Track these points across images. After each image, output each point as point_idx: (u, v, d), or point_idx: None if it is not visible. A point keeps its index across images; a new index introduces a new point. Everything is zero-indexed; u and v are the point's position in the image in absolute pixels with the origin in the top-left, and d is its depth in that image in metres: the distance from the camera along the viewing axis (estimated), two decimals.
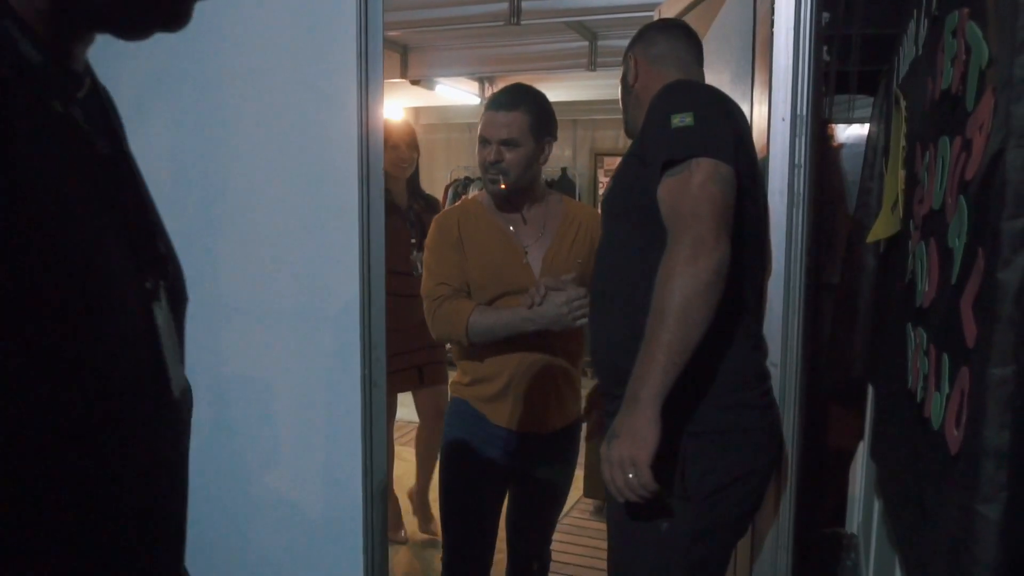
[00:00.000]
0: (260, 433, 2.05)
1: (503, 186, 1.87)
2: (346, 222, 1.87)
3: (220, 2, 1.94)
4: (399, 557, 3.14)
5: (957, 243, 0.86)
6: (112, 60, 2.22)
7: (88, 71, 0.59)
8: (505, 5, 3.51)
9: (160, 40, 2.16)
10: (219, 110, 1.99)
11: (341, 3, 1.82)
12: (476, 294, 1.92)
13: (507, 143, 1.84)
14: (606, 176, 7.16)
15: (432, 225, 2.03)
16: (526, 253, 1.93)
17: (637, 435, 1.25)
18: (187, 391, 0.65)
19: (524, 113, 1.84)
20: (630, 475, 1.25)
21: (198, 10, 0.60)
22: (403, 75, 4.75)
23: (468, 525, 2.00)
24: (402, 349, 2.72)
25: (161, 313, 0.60)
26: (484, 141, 1.88)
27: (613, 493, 1.30)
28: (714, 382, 1.40)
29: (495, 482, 2.00)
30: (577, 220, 1.96)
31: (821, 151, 2.08)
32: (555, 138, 1.94)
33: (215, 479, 2.09)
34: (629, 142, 1.62)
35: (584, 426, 2.10)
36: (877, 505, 1.64)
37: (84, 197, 0.52)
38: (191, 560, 2.13)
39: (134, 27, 0.58)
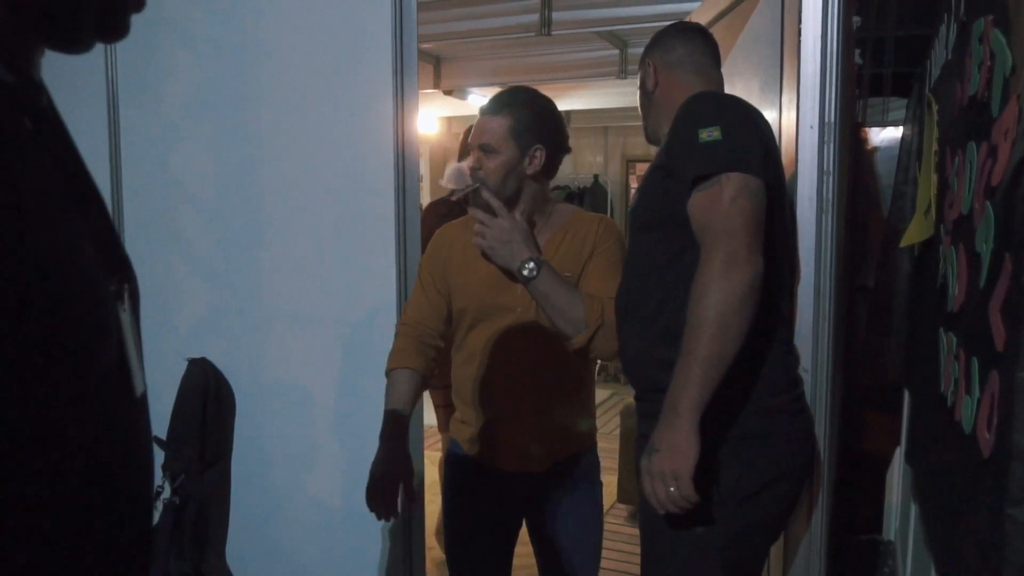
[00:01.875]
0: (299, 436, 2.10)
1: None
2: (383, 229, 1.91)
3: (259, 16, 2.01)
4: (436, 556, 3.17)
5: (985, 248, 0.87)
6: (157, 76, 2.30)
7: (42, 81, 0.62)
8: (536, 16, 3.54)
9: (202, 55, 2.23)
10: (259, 123, 2.05)
11: (377, 17, 1.87)
12: (459, 317, 1.77)
13: (485, 149, 1.68)
14: (638, 182, 7.16)
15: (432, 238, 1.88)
16: None
17: (677, 448, 1.26)
18: (144, 394, 0.66)
19: (506, 117, 1.67)
20: (671, 488, 1.27)
21: (240, 25, 0.63)
22: (436, 85, 4.80)
23: (467, 568, 1.86)
24: None
25: (125, 314, 0.63)
26: (470, 147, 1.74)
27: (655, 506, 1.31)
28: (746, 387, 1.40)
29: (494, 524, 1.83)
30: (569, 231, 1.74)
31: (855, 155, 2.07)
32: (550, 147, 1.71)
33: (256, 481, 2.14)
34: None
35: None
36: (914, 511, 1.63)
37: (61, 209, 0.55)
38: (232, 559, 2.18)
39: (76, 41, 0.60)
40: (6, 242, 0.47)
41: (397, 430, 1.67)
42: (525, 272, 1.59)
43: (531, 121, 1.68)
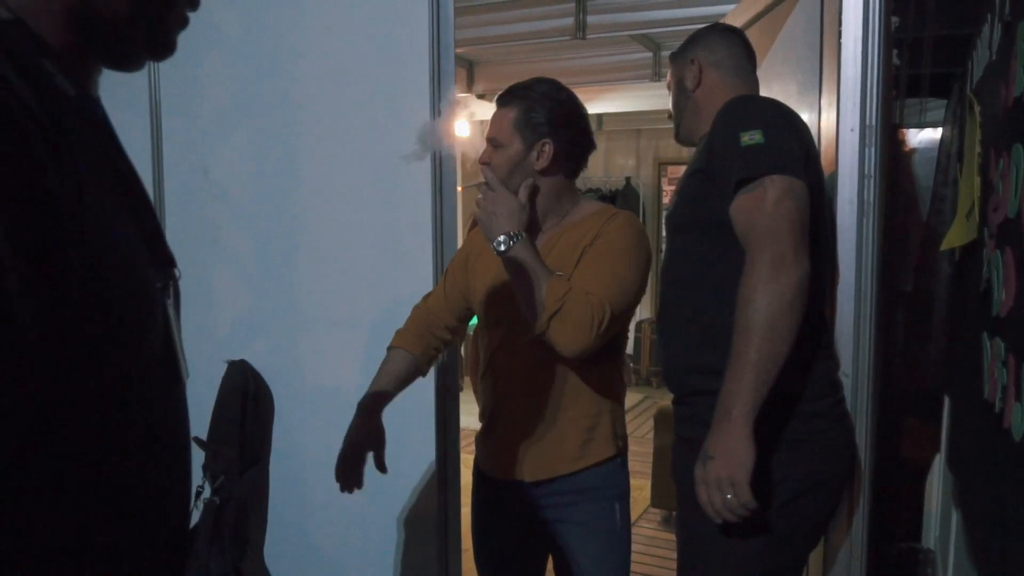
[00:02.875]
0: (336, 438, 2.10)
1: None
2: (420, 233, 1.93)
3: (297, 23, 2.04)
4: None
5: None
6: (197, 85, 2.34)
7: (98, 95, 0.68)
8: (571, 20, 3.55)
9: (241, 64, 2.26)
10: (296, 129, 2.08)
11: (414, 24, 1.89)
12: (480, 321, 1.73)
13: (492, 143, 1.60)
14: (670, 185, 7.13)
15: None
16: None
17: (732, 455, 1.25)
18: (185, 381, 0.72)
19: (512, 110, 1.58)
20: (728, 495, 1.25)
21: (277, 32, 0.67)
22: (469, 89, 4.82)
23: (485, 566, 1.83)
24: None
25: (171, 307, 0.70)
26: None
27: (711, 515, 1.29)
28: (787, 392, 1.39)
29: (503, 527, 1.78)
30: (571, 227, 1.62)
31: (892, 157, 2.05)
32: (561, 142, 1.59)
33: (294, 482, 2.16)
34: (693, 151, 1.63)
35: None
36: (955, 519, 1.60)
37: (117, 210, 0.61)
38: (269, 559, 2.20)
39: (129, 60, 0.67)
40: (71, 239, 0.52)
41: (374, 403, 1.65)
42: (495, 244, 1.49)
43: (539, 114, 1.58)
